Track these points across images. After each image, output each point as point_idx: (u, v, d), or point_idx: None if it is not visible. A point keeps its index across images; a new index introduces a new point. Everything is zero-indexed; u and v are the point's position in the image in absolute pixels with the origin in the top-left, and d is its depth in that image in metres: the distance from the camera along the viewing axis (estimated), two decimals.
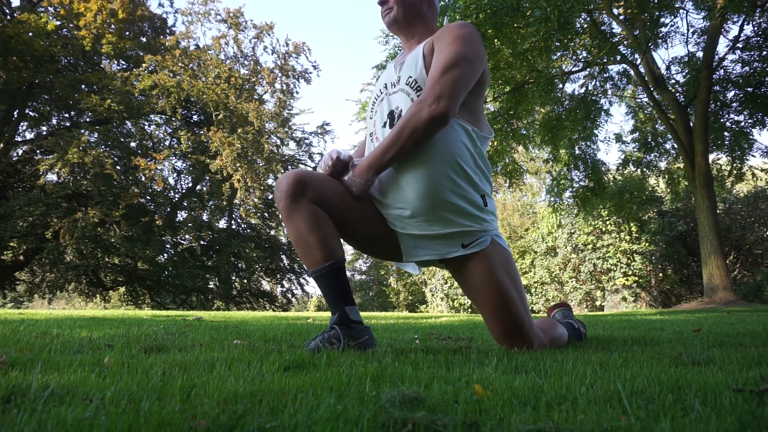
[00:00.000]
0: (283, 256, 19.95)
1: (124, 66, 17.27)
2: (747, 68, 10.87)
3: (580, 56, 11.67)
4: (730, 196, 16.00)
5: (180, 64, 16.11)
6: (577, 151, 12.69)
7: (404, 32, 1.86)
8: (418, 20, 1.84)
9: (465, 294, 1.79)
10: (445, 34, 1.66)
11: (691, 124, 10.64)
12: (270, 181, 17.03)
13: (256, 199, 16.32)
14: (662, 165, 14.08)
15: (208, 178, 17.03)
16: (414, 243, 1.70)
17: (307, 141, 19.10)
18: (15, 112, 15.81)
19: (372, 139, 1.81)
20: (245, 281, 19.94)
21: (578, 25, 9.66)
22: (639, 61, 10.80)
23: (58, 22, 15.63)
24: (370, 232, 1.71)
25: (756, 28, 10.59)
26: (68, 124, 16.81)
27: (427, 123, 1.54)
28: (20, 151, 16.90)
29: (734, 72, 11.20)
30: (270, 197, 17.87)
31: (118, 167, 15.48)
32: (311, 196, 1.61)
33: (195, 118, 18.37)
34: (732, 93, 11.48)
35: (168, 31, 18.16)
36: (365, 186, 1.64)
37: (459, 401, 0.84)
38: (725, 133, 11.89)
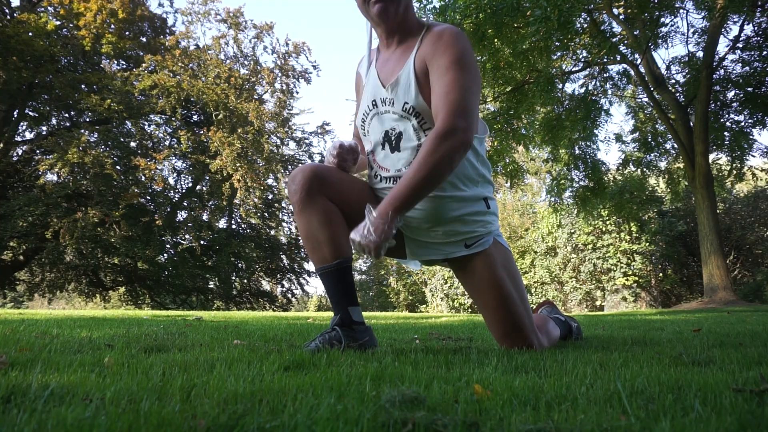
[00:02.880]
0: (283, 256, 19.95)
1: (124, 66, 17.28)
2: (747, 68, 10.87)
3: (580, 56, 11.67)
4: (730, 196, 15.99)
5: (180, 64, 16.11)
6: (577, 151, 12.68)
7: (388, 28, 1.68)
8: (406, 14, 1.66)
9: (467, 292, 1.79)
10: (441, 51, 1.55)
11: (691, 124, 10.63)
12: (270, 181, 17.05)
13: (256, 199, 16.33)
14: (662, 165, 14.08)
15: (208, 178, 17.03)
16: (418, 245, 1.73)
17: (307, 141, 19.12)
18: (15, 112, 15.81)
19: (369, 156, 1.76)
20: (245, 281, 19.94)
21: (578, 25, 9.66)
22: (639, 61, 10.79)
23: (58, 22, 15.63)
24: None
25: (756, 28, 10.59)
26: (68, 124, 16.82)
27: (453, 157, 1.47)
28: (20, 151, 16.90)
29: (734, 72, 11.20)
30: (270, 197, 17.87)
31: (118, 167, 15.48)
32: (327, 192, 1.60)
33: (195, 118, 18.37)
34: (732, 93, 11.48)
35: (168, 31, 18.16)
36: (393, 231, 1.46)
37: (459, 401, 0.84)
38: (725, 133, 11.88)
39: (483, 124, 1.74)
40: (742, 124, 11.66)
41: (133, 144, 17.12)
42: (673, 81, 12.17)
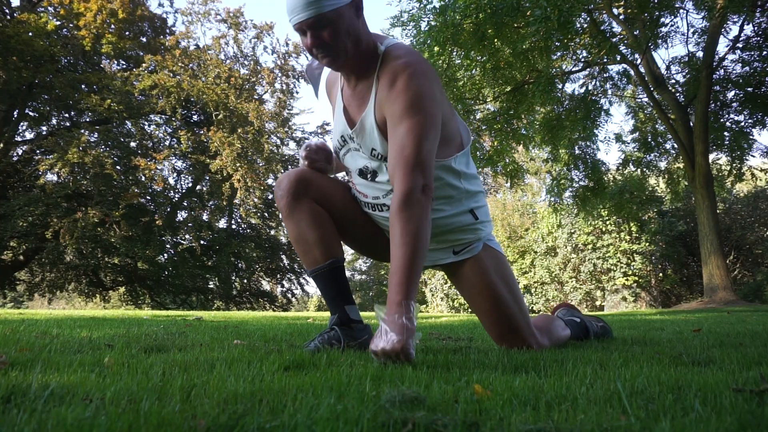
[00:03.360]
0: (283, 256, 19.96)
1: (124, 66, 17.27)
2: (747, 68, 10.86)
3: (580, 56, 11.66)
4: (730, 196, 15.99)
5: (180, 64, 16.11)
6: (577, 151, 12.68)
7: (342, 72, 1.58)
8: (358, 49, 1.50)
9: (460, 296, 1.79)
10: (393, 99, 1.45)
11: (691, 124, 10.63)
12: (270, 181, 17.03)
13: (256, 199, 16.33)
14: (662, 165, 14.08)
15: (208, 178, 17.03)
16: None
17: (307, 141, 19.07)
18: (15, 112, 15.81)
19: (347, 177, 1.74)
20: (245, 281, 19.94)
21: (578, 25, 9.65)
22: (639, 61, 10.79)
23: (58, 22, 15.62)
24: (368, 234, 1.74)
25: (756, 28, 10.59)
26: (68, 124, 16.81)
27: (425, 215, 1.39)
28: (20, 151, 16.90)
29: (734, 72, 11.20)
30: (270, 197, 17.86)
31: (118, 167, 15.48)
32: (313, 195, 1.62)
33: (195, 118, 18.37)
34: (732, 93, 11.47)
35: (168, 31, 18.16)
36: (414, 320, 1.31)
37: (459, 401, 0.84)
38: (725, 133, 11.88)
39: (467, 134, 1.67)
40: (742, 124, 11.65)
41: (133, 144, 17.12)
42: (673, 81, 12.17)
